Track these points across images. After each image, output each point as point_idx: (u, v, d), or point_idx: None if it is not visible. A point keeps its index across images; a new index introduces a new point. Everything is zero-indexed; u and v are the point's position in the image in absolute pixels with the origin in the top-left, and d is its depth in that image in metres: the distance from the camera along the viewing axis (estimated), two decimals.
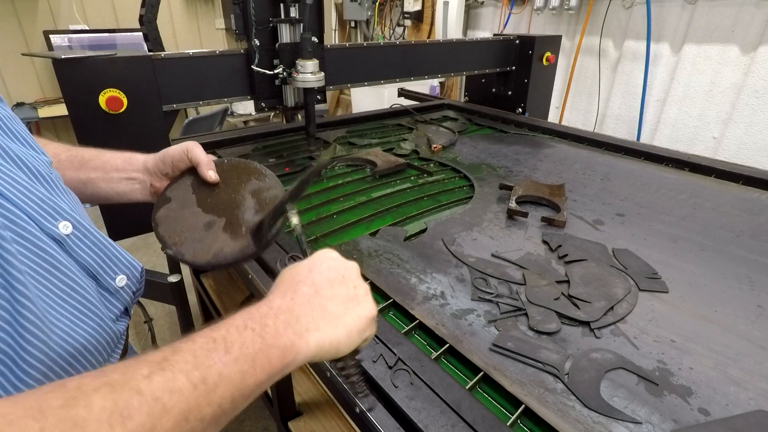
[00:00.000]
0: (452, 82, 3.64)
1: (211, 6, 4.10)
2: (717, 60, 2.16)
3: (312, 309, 0.43)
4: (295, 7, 1.32)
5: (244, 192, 0.66)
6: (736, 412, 0.57)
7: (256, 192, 0.66)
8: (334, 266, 0.48)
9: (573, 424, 0.55)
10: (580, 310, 0.75)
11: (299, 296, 0.44)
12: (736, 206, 1.13)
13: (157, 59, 1.18)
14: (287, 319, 0.41)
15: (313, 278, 0.46)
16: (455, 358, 0.67)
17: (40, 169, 0.47)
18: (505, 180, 1.27)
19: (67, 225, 0.45)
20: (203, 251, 0.58)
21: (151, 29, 1.34)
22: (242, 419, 1.77)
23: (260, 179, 0.67)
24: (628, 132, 2.58)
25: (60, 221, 0.45)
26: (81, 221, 0.48)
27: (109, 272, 0.51)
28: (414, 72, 1.70)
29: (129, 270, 0.55)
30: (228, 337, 0.36)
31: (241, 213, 0.63)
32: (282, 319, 0.41)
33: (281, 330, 0.40)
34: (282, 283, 0.46)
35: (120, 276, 0.53)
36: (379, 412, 0.56)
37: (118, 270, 0.53)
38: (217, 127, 3.05)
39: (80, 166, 0.65)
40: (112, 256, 0.52)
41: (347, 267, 0.49)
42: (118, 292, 0.52)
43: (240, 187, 0.66)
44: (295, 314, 0.42)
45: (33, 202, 0.43)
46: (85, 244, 0.48)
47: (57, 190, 0.48)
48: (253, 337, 0.37)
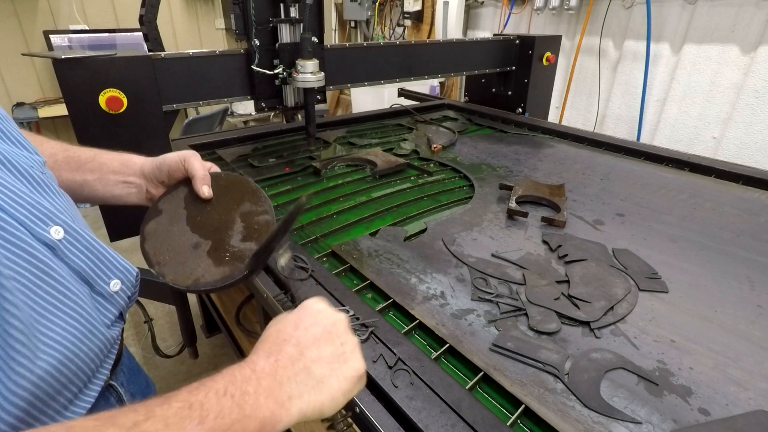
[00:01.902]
0: (452, 82, 3.64)
1: (211, 6, 4.09)
2: (717, 60, 2.16)
3: (296, 374, 0.41)
4: (295, 7, 1.32)
5: (235, 214, 0.65)
6: (736, 412, 0.57)
7: (247, 216, 0.65)
8: (321, 321, 0.46)
9: (573, 424, 0.55)
10: (580, 310, 0.75)
11: (283, 358, 0.42)
12: (736, 206, 1.13)
13: (157, 59, 1.18)
14: (269, 386, 0.39)
15: (298, 337, 0.44)
16: (455, 358, 0.67)
17: (31, 172, 0.46)
18: (505, 180, 1.27)
19: (58, 230, 0.44)
20: (184, 275, 0.59)
21: (151, 29, 1.35)
22: None
23: (254, 202, 0.67)
24: (628, 132, 2.58)
25: (51, 226, 0.44)
26: (73, 225, 0.47)
27: (102, 277, 0.50)
28: (414, 72, 1.70)
29: (123, 274, 0.54)
30: (205, 404, 0.35)
31: (228, 237, 0.63)
32: (264, 385, 0.39)
33: (262, 399, 0.38)
34: (267, 340, 0.44)
35: (114, 281, 0.52)
36: (379, 412, 0.56)
37: (112, 275, 0.52)
38: (217, 127, 3.05)
39: (77, 167, 0.64)
40: (105, 261, 0.51)
41: (335, 321, 0.47)
42: (112, 297, 0.51)
43: (232, 208, 0.66)
44: (278, 379, 0.40)
45: (23, 207, 0.42)
46: (78, 249, 0.47)
47: (49, 193, 0.48)
48: (231, 406, 0.36)
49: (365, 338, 0.65)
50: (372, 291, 0.83)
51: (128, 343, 2.08)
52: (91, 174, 0.65)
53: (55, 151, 0.64)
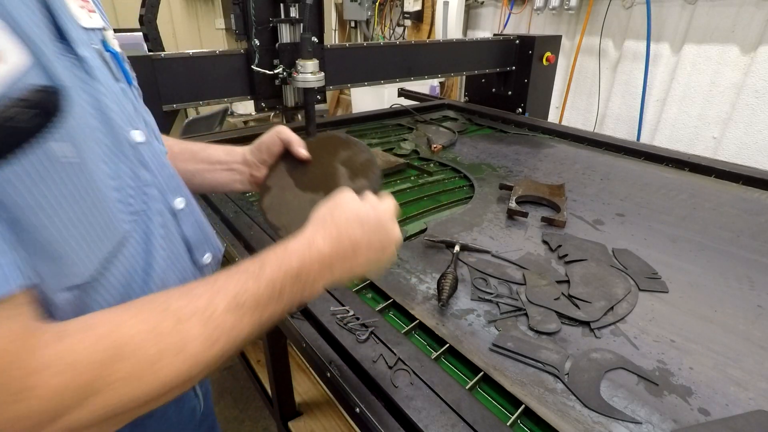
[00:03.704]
0: (452, 82, 3.63)
1: (211, 6, 4.09)
2: (717, 60, 2.16)
3: (344, 270, 0.49)
4: (295, 7, 1.32)
5: (336, 164, 0.67)
6: (736, 412, 0.57)
7: (347, 161, 0.67)
8: (382, 234, 0.51)
9: (573, 424, 0.55)
10: (580, 310, 0.75)
11: (341, 252, 0.48)
12: (736, 206, 1.13)
13: (157, 59, 1.18)
14: (322, 271, 0.47)
15: (359, 239, 0.49)
16: (455, 358, 0.67)
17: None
18: (505, 180, 1.27)
19: (182, 200, 0.51)
20: None
21: (151, 29, 1.35)
22: (242, 419, 1.77)
23: (348, 148, 0.69)
24: (628, 132, 2.58)
25: (178, 197, 0.51)
26: (191, 200, 0.54)
27: (201, 249, 0.55)
28: (414, 72, 1.70)
29: (215, 250, 0.59)
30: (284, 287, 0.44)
31: (337, 184, 0.64)
32: (317, 270, 0.47)
33: (316, 283, 0.47)
34: (336, 224, 0.49)
35: (208, 254, 0.56)
36: (379, 412, 0.56)
37: (208, 248, 0.56)
38: (217, 127, 3.04)
39: (191, 157, 0.70)
40: (207, 235, 0.56)
41: (392, 240, 0.53)
42: (204, 268, 0.56)
43: (331, 160, 0.68)
44: (331, 270, 0.48)
45: (164, 178, 0.49)
46: (190, 221, 0.53)
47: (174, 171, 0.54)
48: (299, 289, 0.45)
49: (365, 338, 0.65)
50: (372, 291, 0.83)
51: None
52: (201, 164, 0.70)
53: (171, 144, 0.69)
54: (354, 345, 0.65)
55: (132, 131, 0.43)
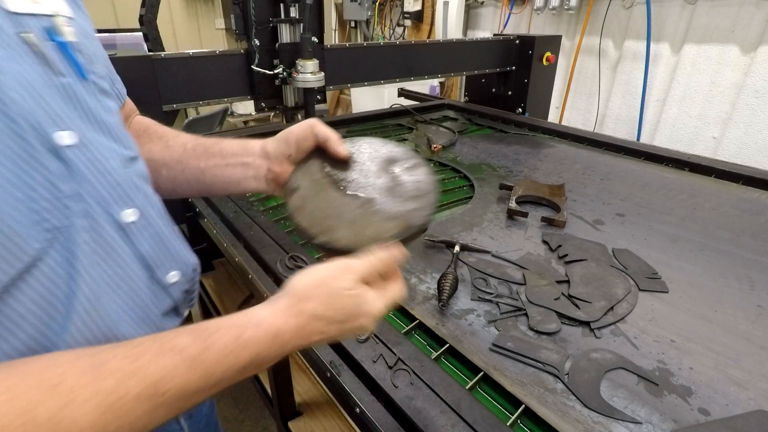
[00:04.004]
0: (452, 82, 3.64)
1: (211, 6, 4.10)
2: (717, 60, 2.16)
3: (310, 342, 0.44)
4: (295, 7, 1.32)
5: (381, 168, 0.59)
6: (736, 412, 0.57)
7: (395, 166, 0.59)
8: (361, 317, 0.45)
9: (573, 424, 0.55)
10: (580, 310, 0.75)
11: (306, 334, 0.43)
12: (736, 206, 1.13)
13: (157, 59, 1.18)
14: (277, 356, 0.42)
15: (330, 320, 0.43)
16: (455, 358, 0.67)
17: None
18: (505, 180, 1.27)
19: (133, 212, 0.45)
20: (359, 237, 0.51)
21: (151, 29, 1.35)
22: (242, 419, 1.77)
23: (394, 153, 0.61)
24: (628, 132, 2.58)
25: (126, 208, 0.45)
26: (149, 211, 0.48)
27: (163, 266, 0.49)
28: (414, 72, 1.70)
29: (183, 267, 0.53)
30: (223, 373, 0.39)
31: (386, 190, 0.56)
32: (273, 357, 0.42)
33: (264, 365, 0.42)
34: (304, 302, 0.43)
35: (173, 272, 0.51)
36: (379, 412, 0.56)
37: (173, 266, 0.51)
38: (217, 127, 3.04)
39: (202, 153, 0.63)
40: (169, 250, 0.51)
41: (372, 320, 0.47)
42: (167, 288, 0.51)
43: (374, 163, 0.60)
44: (292, 346, 0.43)
45: (105, 188, 0.43)
46: (146, 235, 0.47)
47: (126, 177, 0.47)
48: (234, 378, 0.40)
49: (365, 338, 0.65)
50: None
51: None
52: (213, 159, 0.63)
53: (186, 141, 0.64)
54: (354, 345, 0.65)
55: (57, 133, 0.37)
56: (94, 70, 0.45)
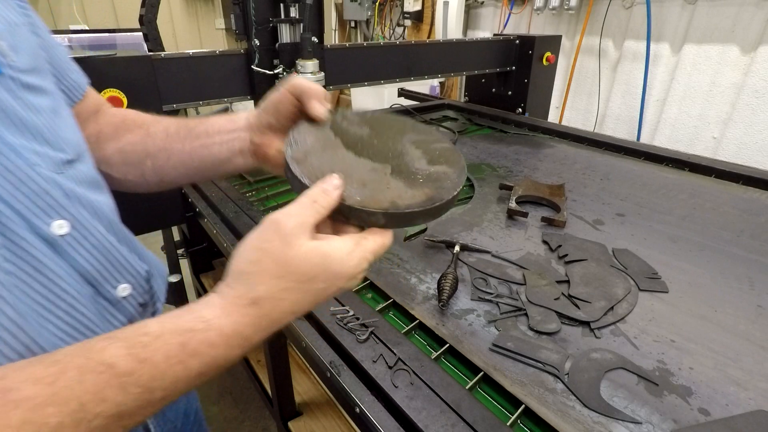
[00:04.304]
0: (452, 82, 3.64)
1: (211, 6, 4.10)
2: (717, 60, 2.16)
3: (272, 328, 0.39)
4: (295, 7, 1.32)
5: (404, 143, 0.53)
6: (736, 412, 0.57)
7: (421, 143, 0.53)
8: (335, 286, 0.40)
9: (573, 424, 0.55)
10: (580, 310, 0.75)
11: (277, 314, 0.39)
12: (736, 206, 1.13)
13: (157, 59, 1.18)
14: (239, 355, 0.38)
15: (295, 288, 0.38)
16: (455, 358, 0.67)
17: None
18: (505, 180, 1.27)
19: (62, 224, 0.40)
20: (373, 197, 0.44)
21: (151, 29, 1.35)
22: (242, 419, 1.77)
23: (420, 132, 0.55)
24: (628, 132, 2.58)
25: (55, 220, 0.40)
26: (85, 221, 0.43)
27: (109, 280, 0.45)
28: (414, 72, 1.70)
29: (135, 279, 0.49)
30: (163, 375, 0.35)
31: (409, 162, 0.49)
32: (233, 359, 0.38)
33: (226, 354, 0.37)
34: (288, 276, 0.38)
35: (123, 285, 0.47)
36: (379, 412, 0.56)
37: (122, 278, 0.47)
38: None
39: (186, 135, 0.58)
40: (115, 262, 0.46)
41: (349, 285, 0.42)
42: (119, 303, 0.46)
43: (397, 137, 0.53)
44: (255, 336, 0.38)
45: (26, 197, 0.38)
46: (84, 247, 0.42)
47: (56, 185, 0.42)
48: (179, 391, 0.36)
49: (365, 338, 0.65)
50: (372, 291, 0.83)
51: None
52: (198, 139, 0.58)
53: (168, 125, 0.59)
54: (354, 345, 0.65)
55: None
56: (12, 63, 0.40)
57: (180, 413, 0.62)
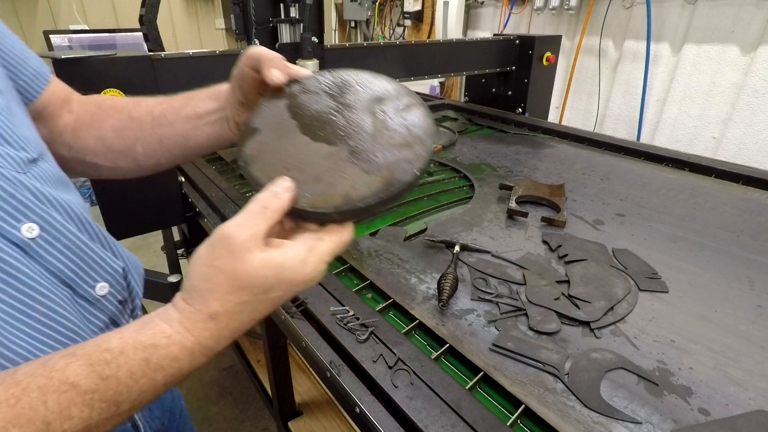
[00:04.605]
0: (452, 82, 3.64)
1: (211, 6, 4.09)
2: (717, 60, 2.16)
3: (232, 334, 0.39)
4: (295, 7, 1.32)
5: (366, 110, 0.48)
6: (736, 412, 0.57)
7: (386, 108, 0.48)
8: (292, 290, 0.39)
9: (573, 424, 0.55)
10: (580, 310, 0.75)
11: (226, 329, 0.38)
12: (736, 206, 1.13)
13: (157, 59, 1.18)
14: (202, 355, 0.38)
15: (250, 302, 0.38)
16: (455, 358, 0.67)
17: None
18: (505, 180, 1.27)
19: (32, 227, 0.39)
20: (325, 193, 0.42)
21: (151, 29, 1.35)
22: (242, 419, 1.77)
23: (386, 94, 0.50)
24: (628, 132, 2.58)
25: (24, 223, 0.39)
26: (56, 222, 0.42)
27: (86, 279, 0.44)
28: (414, 72, 1.70)
29: (112, 276, 0.48)
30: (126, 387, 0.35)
31: (369, 136, 0.46)
32: (196, 366, 0.38)
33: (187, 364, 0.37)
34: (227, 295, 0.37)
35: (101, 284, 0.46)
36: (379, 412, 0.56)
37: (99, 277, 0.46)
38: None
39: (175, 117, 0.57)
40: (91, 262, 0.45)
41: (303, 287, 0.40)
42: (98, 302, 0.46)
43: (360, 105, 0.49)
44: (212, 346, 0.38)
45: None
46: (56, 249, 0.41)
47: (28, 186, 0.41)
48: (147, 399, 0.36)
49: (365, 338, 0.65)
50: (372, 291, 0.83)
51: None
52: (188, 122, 0.56)
53: (151, 107, 0.57)
54: (354, 345, 0.65)
55: None
56: None
57: (166, 411, 0.63)
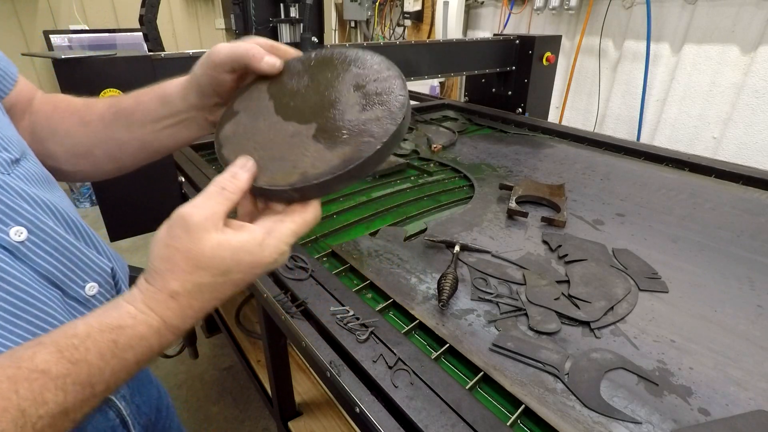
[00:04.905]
0: (452, 82, 3.64)
1: (211, 6, 4.09)
2: (717, 60, 2.16)
3: (197, 313, 0.39)
4: (295, 7, 1.32)
5: (343, 86, 0.47)
6: (736, 412, 0.57)
7: (360, 84, 0.47)
8: (255, 271, 0.40)
9: (573, 424, 0.55)
10: (580, 310, 0.75)
11: (193, 307, 0.39)
12: (736, 206, 1.13)
13: (157, 59, 1.18)
14: (169, 335, 0.38)
15: (217, 287, 0.38)
16: (455, 358, 0.67)
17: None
18: (505, 180, 1.27)
19: (20, 230, 0.40)
20: (283, 172, 0.42)
21: (151, 29, 1.35)
22: (242, 419, 1.77)
23: (361, 67, 0.48)
24: (628, 132, 2.58)
25: (12, 226, 0.39)
26: (44, 225, 0.42)
27: (75, 280, 0.45)
28: (414, 72, 1.70)
29: (101, 276, 0.48)
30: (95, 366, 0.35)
31: (340, 113, 0.45)
32: (166, 344, 0.38)
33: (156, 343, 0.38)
34: (193, 273, 0.37)
35: (90, 284, 0.46)
36: (379, 412, 0.56)
37: (88, 277, 0.46)
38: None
39: (127, 123, 0.55)
40: (79, 262, 0.45)
41: (265, 269, 0.40)
42: (89, 302, 0.46)
43: (335, 81, 0.48)
44: (179, 323, 0.38)
45: None
46: (45, 251, 0.42)
47: (12, 189, 0.41)
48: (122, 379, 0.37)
49: (365, 338, 0.65)
50: (372, 291, 0.83)
51: None
52: (143, 127, 0.55)
53: (102, 111, 0.56)
54: (354, 345, 0.65)
55: None
56: None
57: (153, 408, 0.63)
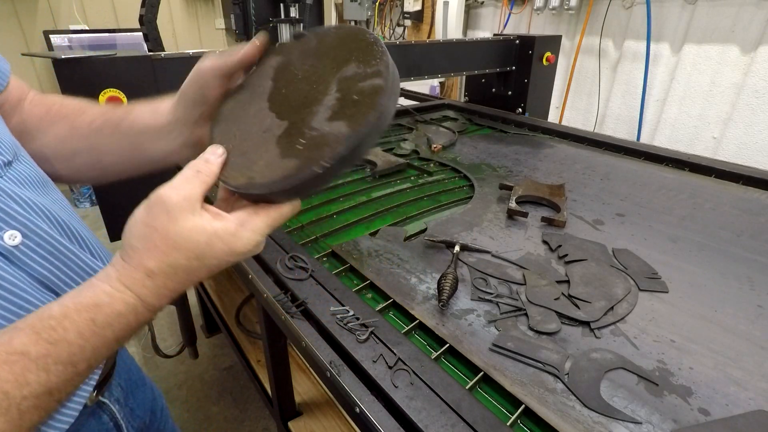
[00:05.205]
0: (452, 82, 3.64)
1: (211, 6, 4.09)
2: (717, 60, 2.16)
3: (183, 285, 0.40)
4: (295, 7, 1.32)
5: (332, 79, 0.45)
6: (736, 412, 0.57)
7: (348, 81, 0.44)
8: (227, 258, 0.40)
9: (573, 424, 0.55)
10: (580, 310, 0.75)
11: (167, 287, 0.39)
12: (736, 206, 1.13)
13: (157, 59, 1.18)
14: (145, 313, 0.39)
15: (193, 270, 0.39)
16: (455, 358, 0.67)
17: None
18: (505, 180, 1.27)
19: (14, 235, 0.40)
20: (239, 170, 0.42)
21: (151, 29, 1.35)
22: (242, 419, 1.77)
23: (364, 61, 0.45)
24: (628, 132, 2.59)
25: (6, 231, 0.39)
26: (38, 228, 0.42)
27: (69, 283, 0.45)
28: (414, 72, 1.70)
29: None
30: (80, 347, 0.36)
31: (311, 115, 0.43)
32: (143, 322, 0.39)
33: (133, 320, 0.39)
34: (168, 255, 0.38)
35: None
36: (379, 412, 0.56)
37: (82, 280, 0.45)
38: None
39: (113, 131, 0.56)
40: (74, 266, 0.45)
41: (241, 255, 0.41)
42: None
43: (331, 71, 0.46)
44: (170, 289, 0.40)
45: None
46: (39, 255, 0.42)
47: (5, 193, 0.41)
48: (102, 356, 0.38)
49: (365, 338, 0.66)
50: (372, 291, 0.83)
51: (128, 344, 2.08)
52: (126, 138, 0.55)
53: (92, 118, 0.56)
54: (354, 345, 0.65)
55: None
56: None
57: (147, 411, 0.63)
